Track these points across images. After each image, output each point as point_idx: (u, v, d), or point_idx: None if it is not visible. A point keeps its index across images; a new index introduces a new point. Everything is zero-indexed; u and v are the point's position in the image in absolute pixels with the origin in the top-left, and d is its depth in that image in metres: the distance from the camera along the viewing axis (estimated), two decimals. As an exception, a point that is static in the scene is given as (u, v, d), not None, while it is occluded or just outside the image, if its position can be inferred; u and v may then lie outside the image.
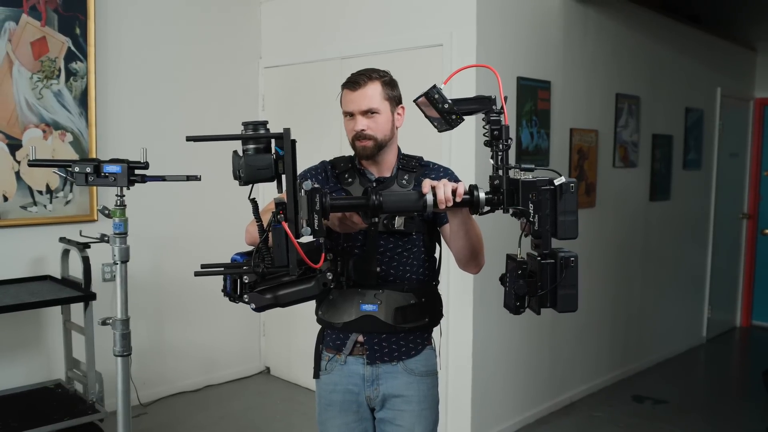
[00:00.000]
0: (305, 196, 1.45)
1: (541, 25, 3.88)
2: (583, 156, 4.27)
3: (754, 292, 6.57)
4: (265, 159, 1.45)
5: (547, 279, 1.48)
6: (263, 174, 1.44)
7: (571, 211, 1.47)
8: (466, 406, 3.56)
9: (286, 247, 1.43)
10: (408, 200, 1.60)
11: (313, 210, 1.46)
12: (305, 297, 1.72)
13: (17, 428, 3.03)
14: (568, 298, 1.49)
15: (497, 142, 1.57)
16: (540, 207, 1.46)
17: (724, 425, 4.11)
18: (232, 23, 4.56)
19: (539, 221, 1.46)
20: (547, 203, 1.46)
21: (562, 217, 1.46)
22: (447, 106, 1.52)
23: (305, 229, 1.44)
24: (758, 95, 6.48)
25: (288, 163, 1.43)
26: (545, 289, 1.48)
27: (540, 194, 1.46)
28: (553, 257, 1.47)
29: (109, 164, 2.18)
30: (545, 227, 1.46)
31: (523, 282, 1.51)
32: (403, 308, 1.86)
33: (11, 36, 3.56)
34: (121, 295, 2.31)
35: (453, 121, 1.59)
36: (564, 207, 1.46)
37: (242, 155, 1.46)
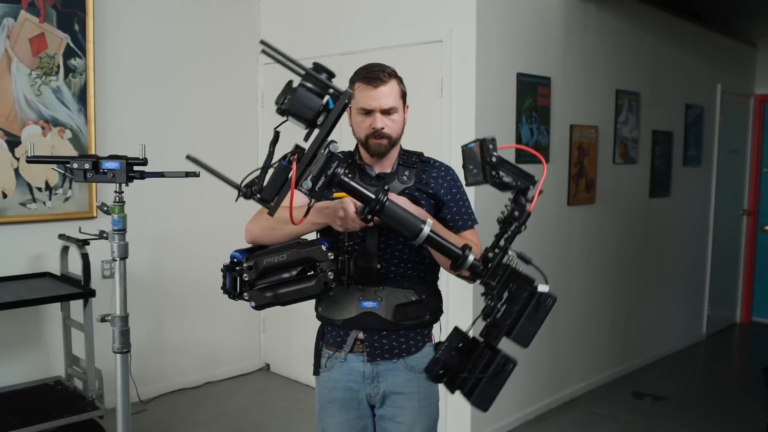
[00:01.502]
0: (325, 155, 1.44)
1: (541, 21, 3.87)
2: (583, 152, 4.26)
3: (754, 289, 6.57)
4: (315, 101, 1.40)
5: (477, 368, 1.47)
6: (305, 112, 1.40)
7: (536, 323, 1.46)
8: (466, 402, 3.56)
9: (281, 185, 1.41)
10: (407, 222, 1.56)
11: (325, 172, 1.45)
12: (306, 296, 1.72)
13: (17, 425, 3.03)
14: (485, 395, 1.48)
15: (513, 222, 1.55)
16: (513, 301, 1.46)
17: (724, 422, 4.12)
18: (231, 19, 4.54)
19: (504, 313, 1.46)
20: (520, 302, 1.46)
21: (526, 323, 1.46)
22: (495, 160, 1.49)
23: (307, 182, 1.43)
24: (758, 91, 6.48)
25: (332, 118, 1.41)
26: (471, 375, 1.47)
27: (519, 290, 1.46)
28: (494, 353, 1.47)
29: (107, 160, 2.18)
30: (505, 321, 1.45)
31: (455, 354, 1.49)
32: (403, 305, 1.85)
33: (10, 32, 3.55)
34: (120, 291, 2.31)
35: (490, 177, 1.52)
36: (533, 316, 1.46)
37: (296, 87, 1.42)
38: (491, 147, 1.49)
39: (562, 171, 4.11)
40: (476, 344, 1.49)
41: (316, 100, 1.40)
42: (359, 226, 1.67)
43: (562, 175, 4.11)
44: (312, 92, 1.41)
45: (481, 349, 1.48)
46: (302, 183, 1.42)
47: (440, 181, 1.93)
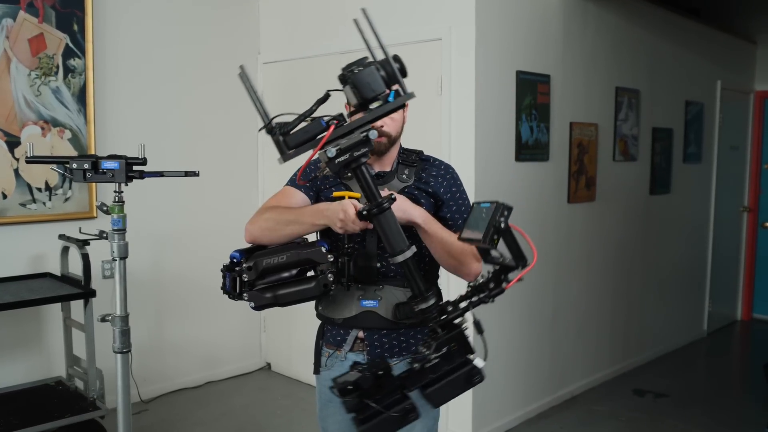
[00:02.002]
0: (361, 137, 1.46)
1: (540, 18, 3.87)
2: (583, 150, 4.26)
3: (755, 286, 6.57)
4: (380, 86, 1.45)
5: (382, 403, 1.46)
6: (366, 90, 1.44)
7: (456, 391, 1.49)
8: (467, 401, 3.56)
9: (308, 140, 1.44)
10: (394, 237, 1.56)
11: (352, 151, 1.46)
12: (305, 297, 1.72)
13: (18, 426, 3.03)
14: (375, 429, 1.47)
15: (484, 291, 1.54)
16: (447, 360, 1.46)
17: (725, 418, 4.11)
18: (230, 18, 4.54)
19: (434, 366, 1.46)
20: (453, 365, 1.47)
21: (447, 386, 1.47)
22: (503, 226, 1.49)
23: (331, 150, 1.45)
24: (758, 88, 6.47)
25: (384, 109, 1.45)
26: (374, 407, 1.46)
27: (456, 354, 1.48)
28: (404, 398, 1.47)
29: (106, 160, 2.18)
30: (430, 374, 1.46)
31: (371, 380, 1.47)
32: (403, 304, 1.85)
33: (9, 33, 3.55)
34: (120, 291, 2.31)
35: (489, 239, 1.50)
36: (457, 383, 1.48)
37: (370, 64, 1.47)
38: (506, 214, 1.49)
39: (562, 169, 4.10)
40: (392, 380, 1.48)
41: (381, 86, 1.44)
42: (359, 228, 1.67)
43: (562, 172, 4.11)
44: (381, 77, 1.44)
45: (395, 388, 1.47)
46: (328, 149, 1.44)
47: (440, 180, 1.93)
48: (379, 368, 1.47)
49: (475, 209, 1.55)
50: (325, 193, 1.94)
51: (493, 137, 3.58)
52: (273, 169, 4.63)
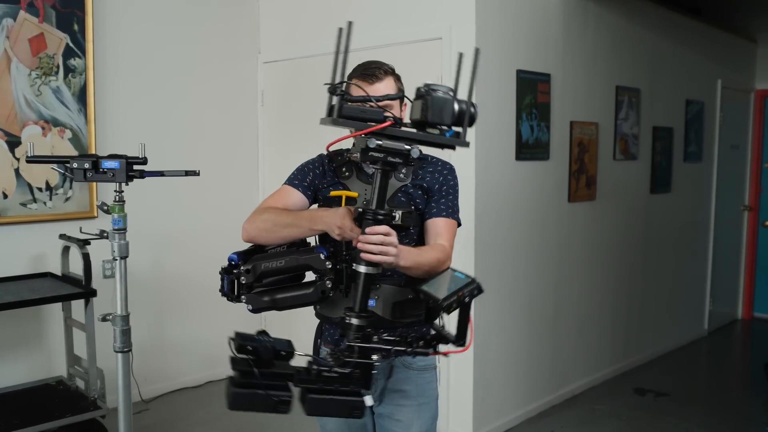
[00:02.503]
0: (402, 149, 1.49)
1: (540, 17, 3.86)
2: (584, 149, 4.26)
3: (756, 285, 6.56)
4: (449, 117, 1.49)
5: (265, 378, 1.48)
6: (435, 112, 1.47)
7: (332, 411, 1.52)
8: (467, 399, 3.56)
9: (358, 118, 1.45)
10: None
11: (388, 156, 1.48)
12: (303, 302, 1.72)
13: (19, 425, 3.03)
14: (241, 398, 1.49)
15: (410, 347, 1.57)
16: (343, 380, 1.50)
17: (725, 417, 4.11)
18: (230, 18, 4.54)
19: (328, 378, 1.49)
20: (345, 390, 1.50)
21: (327, 404, 1.50)
22: (466, 300, 1.52)
23: (372, 141, 1.46)
24: (759, 87, 6.47)
25: (432, 138, 1.49)
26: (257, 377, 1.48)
27: (352, 381, 1.50)
28: (285, 387, 1.48)
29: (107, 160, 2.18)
30: (319, 382, 1.48)
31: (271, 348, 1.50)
32: (400, 303, 1.84)
33: (9, 33, 3.55)
34: (121, 291, 2.31)
35: (445, 306, 1.54)
36: (337, 405, 1.50)
37: (455, 98, 1.49)
38: (475, 293, 1.51)
39: (562, 168, 4.10)
40: (286, 366, 1.50)
41: (449, 119, 1.48)
42: (357, 236, 1.67)
43: (562, 172, 4.11)
44: (453, 113, 1.48)
45: (286, 376, 1.49)
46: (371, 139, 1.44)
47: (436, 175, 1.93)
48: (284, 349, 1.49)
49: (448, 273, 1.58)
50: (322, 192, 1.94)
51: (493, 136, 3.58)
52: (273, 168, 4.63)
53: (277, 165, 4.56)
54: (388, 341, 1.55)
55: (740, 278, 6.53)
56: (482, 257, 3.54)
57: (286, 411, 1.47)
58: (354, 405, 1.50)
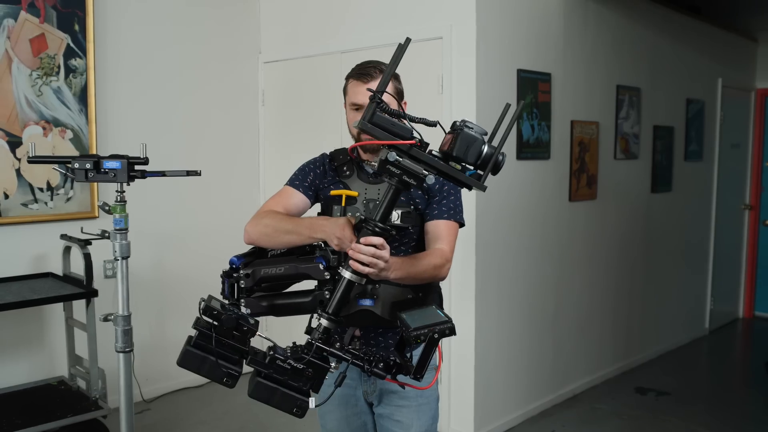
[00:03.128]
0: (419, 172, 1.48)
1: (541, 17, 3.86)
2: (584, 148, 4.26)
3: (757, 283, 6.56)
4: (475, 157, 1.50)
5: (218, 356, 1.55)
6: (462, 150, 1.49)
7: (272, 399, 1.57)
8: (469, 399, 3.57)
9: (386, 126, 1.45)
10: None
11: (406, 173, 1.48)
12: (300, 311, 1.73)
13: (21, 425, 3.04)
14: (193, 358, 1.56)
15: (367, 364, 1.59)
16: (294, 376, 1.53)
17: (727, 416, 4.11)
18: (231, 18, 4.54)
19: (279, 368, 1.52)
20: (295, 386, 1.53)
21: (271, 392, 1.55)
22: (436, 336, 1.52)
23: (392, 154, 1.47)
24: (759, 86, 6.47)
25: (449, 171, 1.50)
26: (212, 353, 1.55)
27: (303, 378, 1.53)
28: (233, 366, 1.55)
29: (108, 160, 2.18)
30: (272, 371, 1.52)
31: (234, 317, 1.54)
32: (399, 303, 1.84)
33: (10, 33, 3.56)
34: (122, 291, 2.31)
35: (414, 338, 1.53)
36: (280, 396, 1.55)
37: (486, 143, 1.52)
38: (447, 333, 1.52)
39: (563, 167, 4.10)
40: (243, 342, 1.54)
41: (473, 159, 1.50)
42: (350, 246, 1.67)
43: (563, 171, 4.11)
44: (479, 153, 1.49)
45: (241, 352, 1.53)
46: (391, 152, 1.45)
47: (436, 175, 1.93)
48: (248, 326, 1.53)
49: (430, 309, 1.59)
50: (323, 192, 1.95)
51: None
52: (274, 168, 4.63)
53: (277, 164, 4.56)
54: (350, 352, 1.56)
55: (741, 277, 6.53)
56: (483, 256, 3.54)
57: (230, 385, 1.53)
58: (298, 403, 1.53)
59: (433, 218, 1.89)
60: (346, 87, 1.93)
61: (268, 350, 1.53)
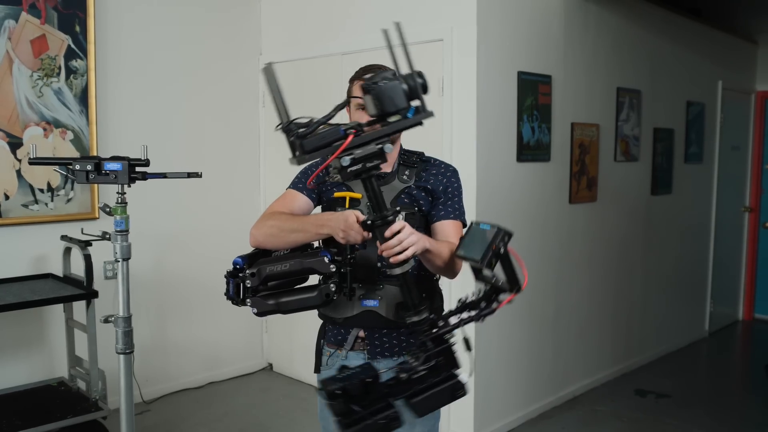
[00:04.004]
0: (376, 150, 1.46)
1: (541, 19, 3.87)
2: (585, 150, 4.26)
3: (757, 286, 6.56)
4: (402, 101, 1.44)
5: (368, 409, 1.48)
6: (387, 103, 1.43)
7: (440, 402, 1.52)
8: (468, 401, 3.57)
9: (325, 146, 1.44)
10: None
11: (366, 162, 1.46)
12: (307, 306, 1.73)
13: (21, 426, 3.04)
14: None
15: (475, 310, 1.57)
16: (433, 372, 1.50)
17: (726, 419, 4.11)
18: (232, 20, 4.55)
19: (420, 377, 1.49)
20: (439, 378, 1.50)
21: (433, 398, 1.50)
22: (503, 252, 1.50)
23: (346, 159, 1.44)
24: (759, 88, 6.47)
25: (402, 125, 1.45)
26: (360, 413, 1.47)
27: (443, 367, 1.51)
28: (389, 406, 1.49)
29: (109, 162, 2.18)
30: (417, 385, 1.49)
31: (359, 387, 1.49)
32: (404, 303, 1.85)
33: (11, 34, 3.56)
34: (123, 292, 2.31)
35: (487, 262, 1.51)
36: (441, 395, 1.51)
37: (394, 78, 1.45)
38: (506, 240, 1.50)
39: (563, 169, 4.11)
40: (379, 388, 1.50)
41: (403, 101, 1.44)
42: (361, 239, 1.68)
43: (563, 173, 4.11)
44: (404, 92, 1.43)
45: (381, 396, 1.50)
46: (343, 157, 1.43)
47: (439, 177, 1.94)
48: (368, 375, 1.49)
49: (474, 229, 1.56)
50: (326, 194, 1.95)
51: (494, 138, 3.58)
52: (275, 170, 4.63)
53: (278, 166, 4.56)
54: (454, 316, 1.55)
55: (741, 279, 6.53)
56: (483, 258, 3.54)
57: (399, 425, 1.50)
58: (454, 388, 1.52)
59: (440, 219, 1.91)
60: (351, 89, 1.93)
61: (398, 375, 1.50)
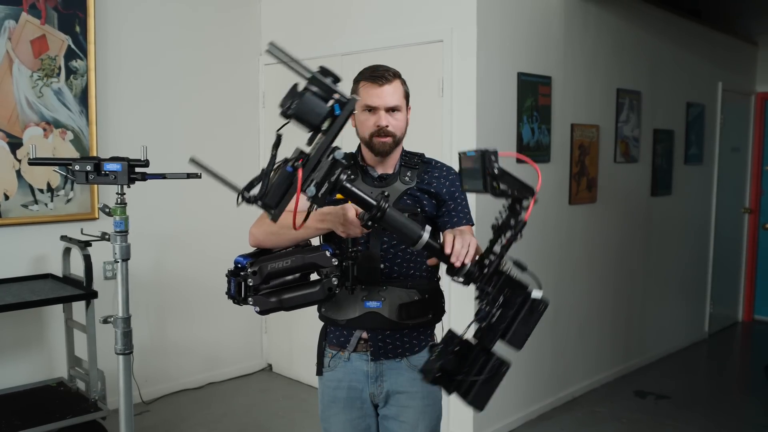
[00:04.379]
0: (330, 162, 1.42)
1: (541, 20, 3.87)
2: (585, 151, 4.26)
3: (756, 287, 6.56)
4: (321, 106, 1.39)
5: (473, 371, 1.47)
6: (312, 117, 1.38)
7: (529, 326, 1.49)
8: (468, 402, 3.56)
9: (285, 192, 1.39)
10: (407, 229, 1.56)
11: (329, 178, 1.43)
12: (310, 301, 1.73)
13: (20, 426, 3.04)
14: (481, 396, 1.47)
15: (508, 230, 1.55)
16: (507, 306, 1.47)
17: (726, 420, 4.11)
18: (232, 20, 4.55)
19: (499, 317, 1.47)
20: (514, 307, 1.47)
21: (520, 327, 1.48)
22: (497, 172, 1.48)
23: (311, 188, 1.41)
24: (759, 89, 6.47)
25: (337, 125, 1.39)
26: (467, 378, 1.47)
27: (514, 295, 1.48)
28: (489, 356, 1.48)
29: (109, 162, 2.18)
30: (500, 325, 1.46)
31: (453, 359, 1.50)
32: (406, 305, 1.86)
33: (11, 34, 3.56)
34: (122, 293, 2.31)
35: (491, 188, 1.51)
36: (526, 320, 1.48)
37: (303, 92, 1.40)
38: (493, 159, 1.48)
39: (563, 170, 4.11)
40: (470, 347, 1.50)
41: (323, 106, 1.39)
42: (361, 232, 1.67)
43: (563, 174, 4.11)
44: (318, 97, 1.39)
45: (477, 352, 1.49)
46: (306, 189, 1.40)
47: (442, 180, 1.94)
48: (454, 345, 1.49)
49: (464, 159, 1.54)
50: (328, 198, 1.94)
51: (494, 139, 3.58)
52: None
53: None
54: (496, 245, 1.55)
55: (741, 280, 6.53)
56: (483, 259, 3.54)
57: (508, 365, 1.49)
58: (534, 307, 1.49)
59: (455, 225, 1.91)
60: (357, 90, 1.90)
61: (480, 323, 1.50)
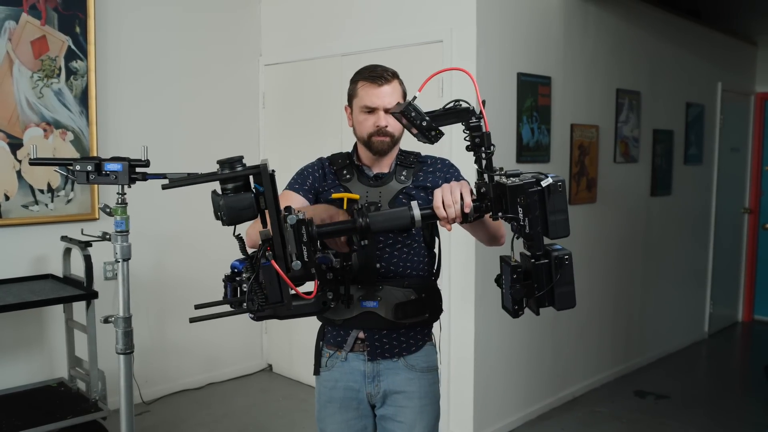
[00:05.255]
0: (291, 230, 1.41)
1: (541, 20, 3.87)
2: (584, 151, 4.26)
3: (756, 287, 6.56)
4: (245, 199, 1.39)
5: (543, 279, 1.47)
6: (245, 214, 1.39)
7: (561, 210, 1.44)
8: (468, 401, 3.57)
9: (279, 284, 1.40)
10: (395, 218, 1.57)
11: (301, 242, 1.42)
12: (304, 313, 1.72)
13: (20, 427, 3.04)
14: (565, 296, 1.47)
15: (479, 149, 1.55)
16: (529, 209, 1.44)
17: (726, 420, 4.12)
18: (232, 21, 4.55)
19: (530, 224, 1.44)
20: (536, 205, 1.43)
21: (553, 217, 1.44)
22: (425, 123, 1.47)
23: (295, 263, 1.40)
24: (759, 90, 6.47)
25: (269, 198, 1.37)
26: (542, 289, 1.46)
27: (528, 197, 1.44)
28: (546, 257, 1.46)
29: (110, 162, 2.18)
30: (536, 229, 1.43)
31: (519, 286, 1.50)
32: (403, 304, 1.86)
33: (11, 35, 3.56)
34: (123, 293, 2.31)
35: (433, 137, 1.53)
36: (553, 207, 1.44)
37: (221, 195, 1.40)
38: (414, 114, 1.51)
39: (563, 170, 4.11)
40: (527, 263, 1.49)
41: (247, 196, 1.39)
42: (347, 249, 1.68)
43: (563, 174, 4.11)
44: (237, 190, 1.39)
45: (533, 264, 1.47)
46: (292, 266, 1.40)
47: (437, 174, 1.95)
48: (512, 273, 1.50)
49: (396, 117, 1.61)
50: (324, 195, 1.95)
51: (494, 139, 3.56)
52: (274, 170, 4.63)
53: (278, 166, 4.51)
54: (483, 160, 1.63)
55: (740, 280, 6.53)
56: (482, 259, 3.54)
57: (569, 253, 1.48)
58: (552, 188, 1.46)
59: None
60: (356, 90, 1.90)
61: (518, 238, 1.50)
